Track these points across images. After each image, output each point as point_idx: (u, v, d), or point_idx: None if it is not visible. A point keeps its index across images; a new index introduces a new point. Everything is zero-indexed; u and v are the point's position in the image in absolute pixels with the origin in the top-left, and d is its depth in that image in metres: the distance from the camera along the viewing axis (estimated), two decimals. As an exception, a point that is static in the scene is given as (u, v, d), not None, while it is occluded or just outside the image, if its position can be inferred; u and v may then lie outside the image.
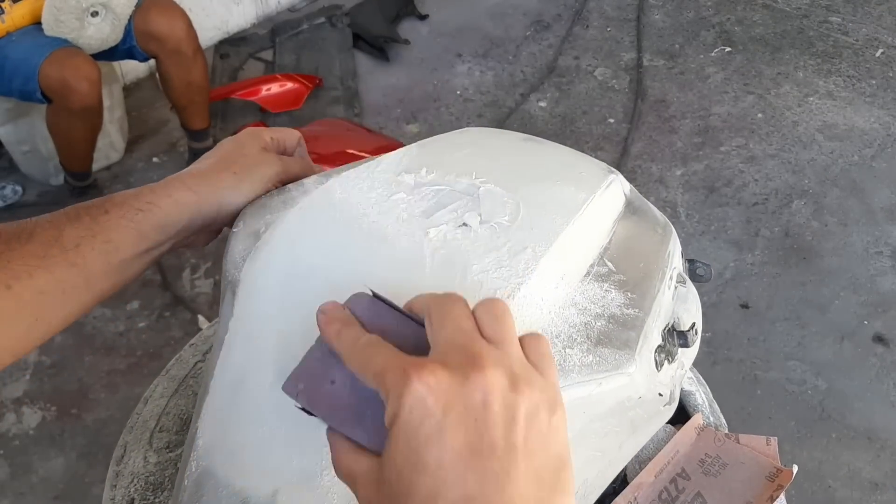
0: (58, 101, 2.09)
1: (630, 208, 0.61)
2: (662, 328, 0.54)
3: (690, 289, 0.61)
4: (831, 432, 1.85)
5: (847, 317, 2.08)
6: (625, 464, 0.67)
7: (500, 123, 2.72)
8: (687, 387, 0.78)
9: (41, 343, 0.55)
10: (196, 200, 0.59)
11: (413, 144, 0.64)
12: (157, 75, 2.40)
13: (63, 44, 2.10)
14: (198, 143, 2.49)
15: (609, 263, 0.55)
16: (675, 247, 0.61)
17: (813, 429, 1.86)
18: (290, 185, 0.63)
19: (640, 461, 0.73)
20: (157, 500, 0.75)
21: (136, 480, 0.77)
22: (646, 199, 0.65)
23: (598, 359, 0.48)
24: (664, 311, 0.55)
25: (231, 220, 0.62)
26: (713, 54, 3.01)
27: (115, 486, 0.77)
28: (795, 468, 0.74)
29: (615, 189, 0.60)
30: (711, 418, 0.77)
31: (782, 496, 0.74)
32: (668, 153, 2.60)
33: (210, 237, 0.65)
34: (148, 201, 0.58)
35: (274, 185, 0.64)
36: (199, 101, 2.39)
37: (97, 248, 0.55)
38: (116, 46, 2.23)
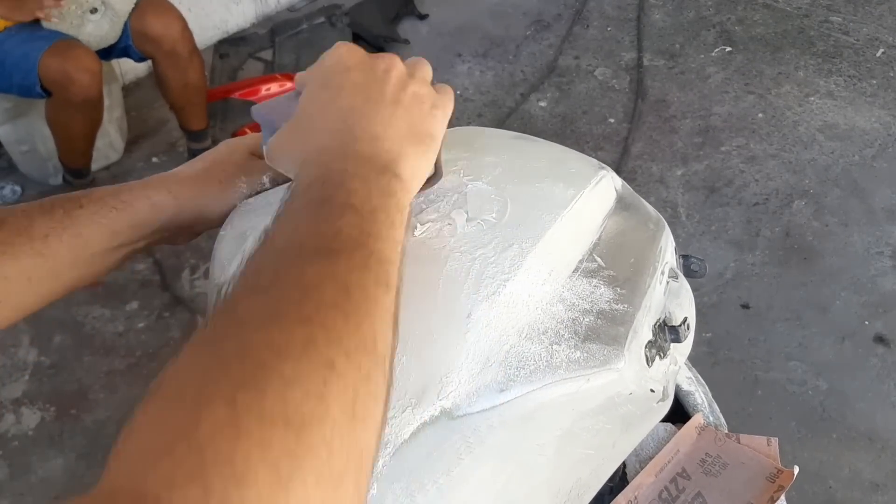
0: (58, 93, 2.09)
1: (622, 204, 0.60)
2: (653, 323, 0.53)
3: (683, 284, 0.60)
4: (832, 433, 1.84)
5: (848, 317, 2.07)
6: (620, 462, 0.67)
7: (500, 123, 2.72)
8: (686, 387, 0.77)
9: (6, 326, 0.56)
10: (175, 205, 0.60)
11: None
12: (154, 76, 2.40)
13: (63, 37, 2.10)
14: (197, 143, 2.48)
15: (598, 259, 0.54)
16: (667, 242, 0.60)
17: (814, 429, 1.85)
18: (279, 187, 0.63)
19: (641, 460, 0.72)
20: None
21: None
22: (638, 196, 0.64)
23: (585, 355, 0.48)
24: (655, 306, 0.54)
25: (213, 224, 0.62)
26: (714, 54, 3.00)
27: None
28: (796, 469, 0.73)
29: (605, 185, 0.59)
30: (711, 418, 0.77)
31: (783, 497, 0.73)
32: (668, 153, 2.59)
33: (190, 237, 0.65)
34: (124, 200, 0.58)
35: (264, 190, 0.64)
36: (197, 102, 2.39)
37: (66, 241, 0.56)
38: (113, 45, 2.23)
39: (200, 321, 2.10)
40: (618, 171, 0.61)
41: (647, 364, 0.51)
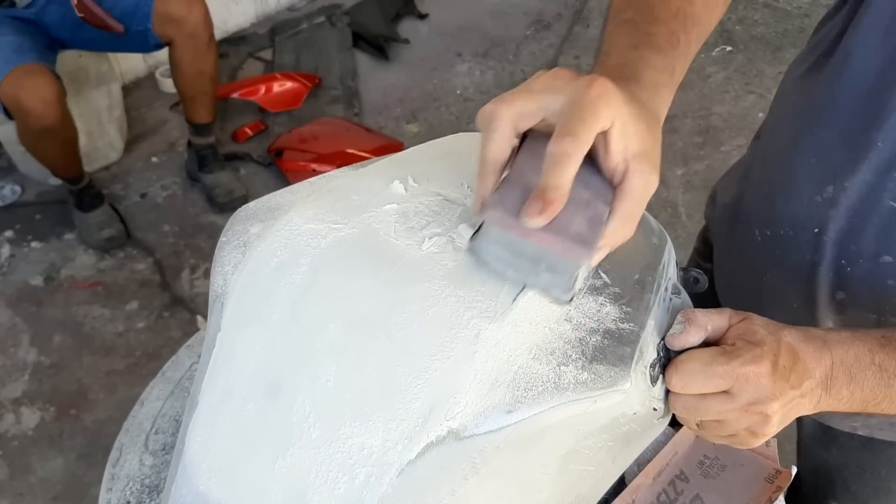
0: (18, 119, 2.06)
1: (625, 218, 0.60)
2: (657, 342, 0.53)
3: (685, 300, 0.60)
4: (831, 435, 1.84)
5: (847, 318, 2.07)
6: (618, 475, 0.67)
7: (500, 123, 2.71)
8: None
9: None
10: None
11: (403, 152, 0.63)
12: (169, 63, 2.37)
13: (26, 59, 2.02)
14: (200, 137, 2.47)
15: (604, 275, 0.54)
16: (670, 257, 0.60)
17: (813, 431, 1.85)
18: (278, 192, 0.62)
19: (639, 463, 0.72)
20: (152, 502, 0.75)
21: (131, 483, 0.77)
22: (641, 209, 0.64)
23: (593, 376, 0.48)
24: (659, 324, 0.54)
25: None
26: (714, 53, 3.00)
27: (111, 488, 0.77)
28: (794, 469, 0.74)
29: (610, 199, 0.59)
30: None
31: (781, 497, 0.73)
32: (668, 153, 2.59)
33: None
34: None
35: None
36: (207, 93, 2.38)
37: None
38: (130, 28, 2.21)
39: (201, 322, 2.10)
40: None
41: (651, 383, 0.51)
